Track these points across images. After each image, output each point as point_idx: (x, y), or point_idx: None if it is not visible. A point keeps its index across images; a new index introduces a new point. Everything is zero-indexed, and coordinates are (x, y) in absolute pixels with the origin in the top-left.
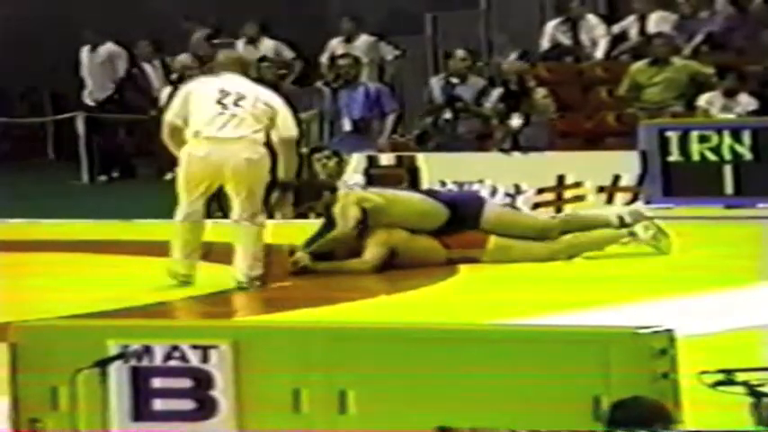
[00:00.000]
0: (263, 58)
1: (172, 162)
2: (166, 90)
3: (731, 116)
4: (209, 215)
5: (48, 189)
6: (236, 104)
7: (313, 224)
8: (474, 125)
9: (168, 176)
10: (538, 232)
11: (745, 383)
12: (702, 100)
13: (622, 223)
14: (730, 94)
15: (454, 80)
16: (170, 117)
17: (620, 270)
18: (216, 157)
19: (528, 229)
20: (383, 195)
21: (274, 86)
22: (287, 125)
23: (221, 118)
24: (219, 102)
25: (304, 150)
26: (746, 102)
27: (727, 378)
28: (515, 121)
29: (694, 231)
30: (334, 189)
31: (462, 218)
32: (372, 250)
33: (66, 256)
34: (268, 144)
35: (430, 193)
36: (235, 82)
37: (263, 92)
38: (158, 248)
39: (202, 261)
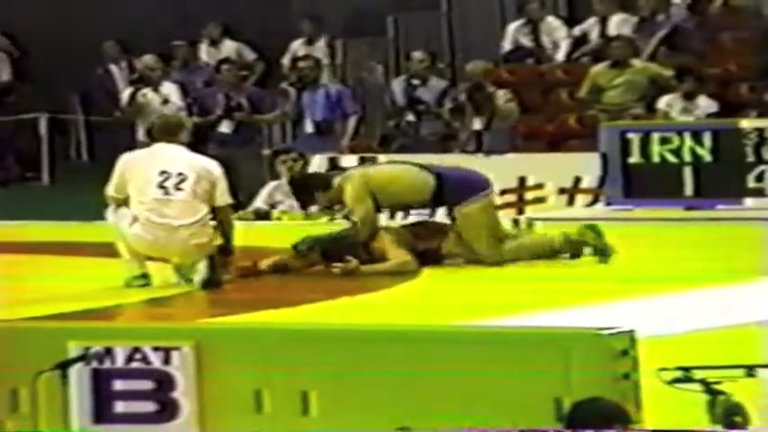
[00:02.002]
0: (224, 60)
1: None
2: (127, 91)
3: (690, 119)
4: None
5: (8, 191)
6: (177, 188)
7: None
8: (436, 127)
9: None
10: (487, 250)
11: (702, 381)
12: (662, 102)
13: (570, 244)
14: (689, 96)
15: (415, 82)
16: (110, 192)
17: (580, 271)
18: (164, 242)
19: (482, 242)
20: (383, 172)
21: (236, 88)
22: (223, 194)
23: (164, 204)
24: (161, 186)
25: (266, 152)
26: (706, 105)
27: (685, 375)
28: (477, 123)
29: (654, 233)
30: (329, 184)
31: (444, 199)
32: (399, 251)
33: (26, 258)
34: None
35: (425, 167)
36: (174, 159)
37: (202, 166)
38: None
39: (162, 263)
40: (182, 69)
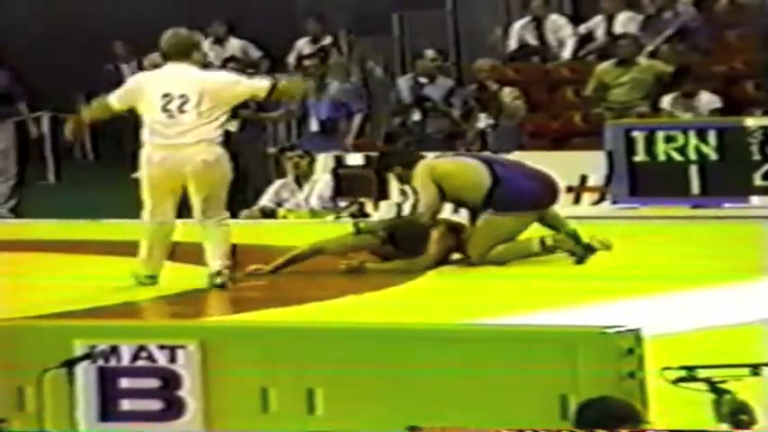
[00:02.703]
0: (230, 59)
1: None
2: None
3: (688, 116)
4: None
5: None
6: (180, 110)
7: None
8: (443, 125)
9: (135, 175)
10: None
11: (706, 380)
12: (665, 102)
13: (544, 248)
14: (689, 95)
15: (423, 80)
16: (112, 99)
17: (586, 270)
18: (172, 162)
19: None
20: (447, 163)
21: None
22: (249, 88)
23: (169, 126)
24: (165, 108)
25: (272, 150)
26: (709, 100)
27: (689, 374)
28: (482, 122)
29: (660, 231)
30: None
31: (491, 204)
32: (435, 250)
33: (32, 256)
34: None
35: (492, 167)
36: (178, 79)
37: (208, 84)
38: (126, 248)
39: (169, 261)
40: None
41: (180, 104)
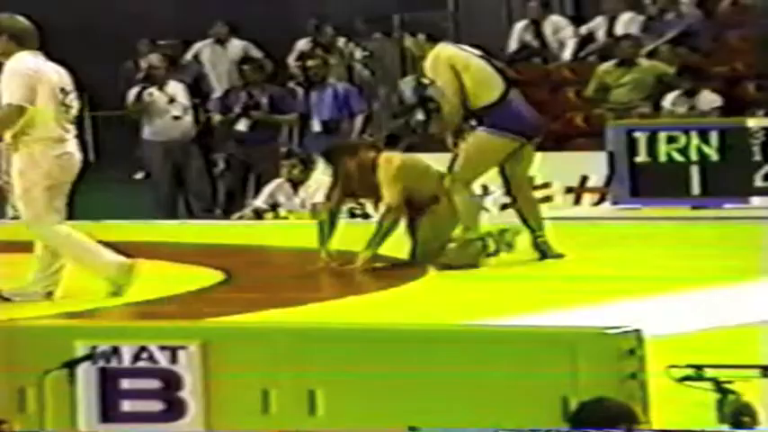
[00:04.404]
0: (245, 60)
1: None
2: (134, 90)
3: (695, 117)
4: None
5: None
6: (71, 104)
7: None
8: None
9: (138, 176)
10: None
11: (712, 380)
12: (667, 101)
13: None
14: (691, 94)
15: (427, 80)
16: (22, 101)
17: (587, 270)
18: (76, 157)
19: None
20: (469, 60)
21: (258, 86)
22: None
23: (67, 120)
24: (63, 103)
25: (283, 149)
26: (710, 99)
27: (696, 374)
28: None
29: (661, 232)
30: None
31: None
32: (392, 191)
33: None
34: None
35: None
36: (62, 73)
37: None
38: (127, 249)
39: (169, 261)
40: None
41: (71, 98)
